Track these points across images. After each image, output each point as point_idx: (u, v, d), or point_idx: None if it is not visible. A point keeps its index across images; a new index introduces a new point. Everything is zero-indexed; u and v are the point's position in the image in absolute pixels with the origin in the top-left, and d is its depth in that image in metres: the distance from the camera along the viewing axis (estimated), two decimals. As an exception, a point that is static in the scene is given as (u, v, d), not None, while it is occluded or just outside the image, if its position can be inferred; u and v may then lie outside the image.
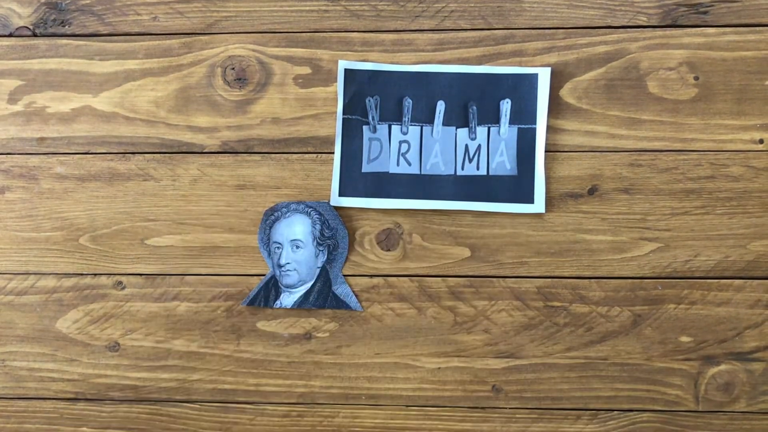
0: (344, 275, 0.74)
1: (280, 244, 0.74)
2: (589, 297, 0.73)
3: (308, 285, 0.74)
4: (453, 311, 0.74)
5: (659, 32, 0.72)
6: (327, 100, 0.74)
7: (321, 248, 0.74)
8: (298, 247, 0.74)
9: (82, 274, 0.75)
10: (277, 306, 0.74)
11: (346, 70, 0.74)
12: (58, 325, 0.76)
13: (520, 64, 0.73)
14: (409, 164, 0.74)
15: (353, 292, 0.74)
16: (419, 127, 0.74)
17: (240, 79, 0.75)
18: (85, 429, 0.76)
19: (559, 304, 0.73)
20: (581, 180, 0.73)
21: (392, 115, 0.74)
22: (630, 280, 0.72)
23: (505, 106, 0.73)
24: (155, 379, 0.75)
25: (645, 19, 0.72)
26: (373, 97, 0.74)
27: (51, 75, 0.76)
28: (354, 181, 0.74)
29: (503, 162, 0.73)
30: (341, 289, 0.74)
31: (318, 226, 0.74)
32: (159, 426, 0.75)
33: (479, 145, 0.73)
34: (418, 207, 0.73)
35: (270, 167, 0.74)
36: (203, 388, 0.75)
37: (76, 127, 0.76)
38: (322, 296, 0.74)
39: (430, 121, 0.74)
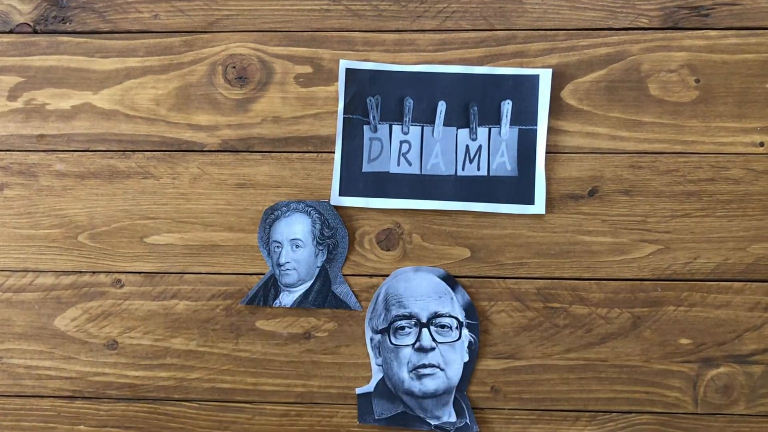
0: (344, 275, 0.74)
1: (279, 243, 0.74)
2: (589, 298, 0.73)
3: (307, 284, 0.74)
4: (452, 312, 0.74)
5: (660, 34, 0.72)
6: (328, 99, 0.74)
7: (321, 247, 0.74)
8: (297, 246, 0.74)
9: (80, 272, 0.75)
10: (277, 305, 0.74)
11: (348, 70, 0.74)
12: (56, 322, 0.75)
13: (521, 65, 0.73)
14: (410, 164, 0.74)
15: (353, 291, 0.74)
16: (420, 127, 0.74)
17: (241, 78, 0.74)
18: (82, 427, 0.75)
19: (558, 305, 0.73)
20: (582, 181, 0.73)
21: (393, 114, 0.74)
22: (630, 282, 0.72)
23: (506, 106, 0.73)
24: (153, 377, 0.75)
25: (646, 21, 0.72)
26: (374, 97, 0.74)
27: (51, 72, 0.75)
28: (354, 180, 0.74)
29: (504, 163, 0.73)
30: (341, 289, 0.74)
31: (318, 226, 0.74)
32: (156, 425, 0.75)
33: (480, 146, 0.73)
34: (419, 207, 0.73)
35: (270, 166, 0.74)
36: (201, 387, 0.75)
37: (76, 124, 0.75)
38: (322, 296, 0.74)
39: (431, 121, 0.74)
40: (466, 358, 0.72)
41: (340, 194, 0.74)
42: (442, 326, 0.71)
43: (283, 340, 0.74)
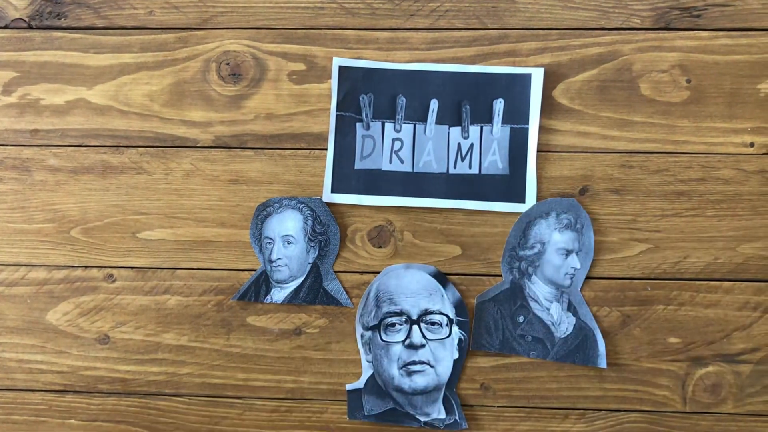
0: (335, 271, 0.74)
1: (271, 239, 0.74)
2: (579, 297, 0.73)
3: (299, 280, 0.74)
4: (443, 309, 0.74)
5: (652, 35, 0.73)
6: (321, 96, 0.74)
7: (312, 244, 0.74)
8: (289, 242, 0.74)
9: (73, 267, 0.75)
10: (268, 301, 0.74)
11: (341, 67, 0.74)
12: (48, 317, 0.76)
13: (513, 64, 0.73)
14: (402, 162, 0.74)
15: (344, 288, 0.74)
16: (412, 125, 0.74)
17: (234, 75, 0.75)
18: (73, 421, 0.76)
19: (548, 303, 0.73)
20: (573, 180, 0.73)
21: (386, 112, 0.74)
22: (619, 281, 0.73)
23: (498, 105, 0.73)
24: (144, 372, 0.75)
25: (638, 21, 0.73)
26: (366, 95, 0.74)
27: (46, 67, 0.76)
28: (346, 177, 0.74)
29: (495, 161, 0.73)
30: (332, 285, 0.74)
31: (310, 222, 0.74)
32: (147, 419, 0.75)
33: (472, 144, 0.74)
34: (410, 204, 0.74)
35: (263, 163, 0.75)
36: (192, 382, 0.75)
37: (70, 119, 0.76)
38: (313, 292, 0.74)
39: (424, 119, 0.74)
40: (456, 355, 0.72)
41: (332, 191, 0.74)
42: (433, 323, 0.72)
43: (274, 336, 0.75)
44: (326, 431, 0.75)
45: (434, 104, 0.74)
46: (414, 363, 0.71)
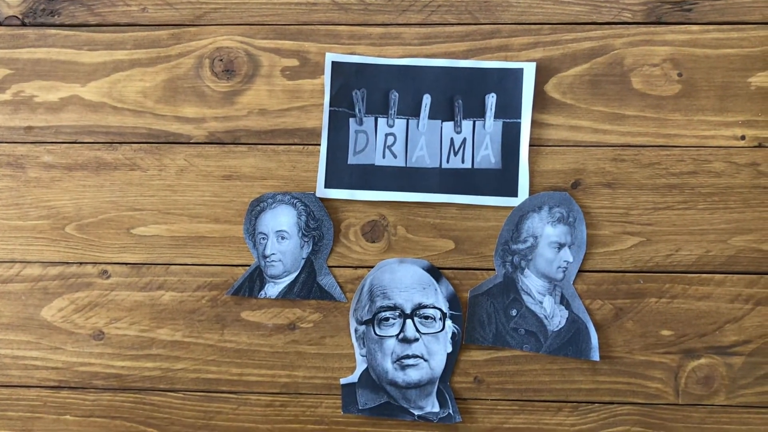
0: (329, 266, 0.74)
1: (265, 234, 0.74)
2: (572, 290, 0.73)
3: (293, 276, 0.74)
4: (437, 303, 0.74)
5: (644, 29, 0.73)
6: (314, 92, 0.75)
7: (306, 239, 0.74)
8: (283, 237, 0.74)
9: (67, 263, 0.76)
10: (262, 296, 0.74)
11: (334, 63, 0.74)
12: (42, 313, 0.76)
13: (505, 59, 0.74)
14: (395, 157, 0.74)
15: (337, 283, 0.74)
16: (405, 120, 0.74)
17: (228, 71, 0.75)
18: (68, 417, 0.76)
19: (541, 296, 0.73)
20: (565, 174, 0.73)
21: (379, 107, 0.74)
22: (612, 274, 0.73)
23: (491, 100, 0.73)
24: (139, 368, 0.75)
25: (630, 15, 0.73)
26: (359, 90, 0.74)
27: (39, 64, 0.76)
28: (340, 172, 0.74)
29: (488, 155, 0.74)
30: (326, 280, 0.74)
31: (303, 218, 0.74)
32: (142, 415, 0.75)
33: (464, 139, 0.74)
34: (403, 199, 0.74)
35: (256, 158, 0.75)
36: (187, 378, 0.75)
37: (64, 116, 0.76)
38: (307, 287, 0.74)
39: (416, 114, 0.74)
40: (450, 349, 0.72)
41: (326, 186, 0.74)
42: (426, 317, 0.72)
43: (269, 331, 0.75)
44: (321, 425, 0.75)
45: (427, 99, 0.74)
46: (408, 357, 0.71)
